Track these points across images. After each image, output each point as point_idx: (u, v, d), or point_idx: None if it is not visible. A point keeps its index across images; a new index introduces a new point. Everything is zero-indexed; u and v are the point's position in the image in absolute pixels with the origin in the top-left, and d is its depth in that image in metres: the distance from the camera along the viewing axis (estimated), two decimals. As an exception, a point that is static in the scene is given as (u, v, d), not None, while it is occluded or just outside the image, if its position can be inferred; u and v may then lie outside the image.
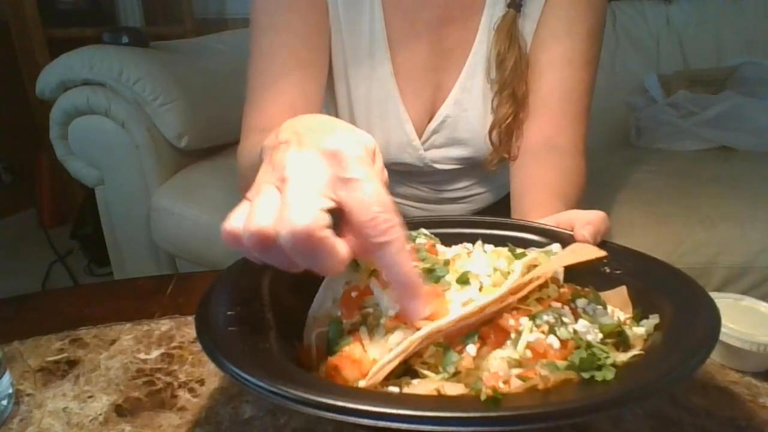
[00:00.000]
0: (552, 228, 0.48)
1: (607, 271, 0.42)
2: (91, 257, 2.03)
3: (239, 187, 0.71)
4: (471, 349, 0.32)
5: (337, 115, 0.80)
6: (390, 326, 0.34)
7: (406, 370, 0.33)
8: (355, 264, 0.39)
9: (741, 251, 1.06)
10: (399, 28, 0.75)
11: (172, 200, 1.30)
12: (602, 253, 0.38)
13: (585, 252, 0.39)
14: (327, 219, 0.30)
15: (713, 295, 0.52)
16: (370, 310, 0.36)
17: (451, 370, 0.31)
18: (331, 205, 0.31)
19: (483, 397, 0.28)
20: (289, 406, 0.27)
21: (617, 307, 0.40)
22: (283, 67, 0.71)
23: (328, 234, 0.30)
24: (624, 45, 1.77)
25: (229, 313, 0.35)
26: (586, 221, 0.45)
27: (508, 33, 0.72)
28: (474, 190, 0.92)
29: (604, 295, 0.40)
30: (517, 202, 0.69)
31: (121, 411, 0.42)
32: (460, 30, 0.75)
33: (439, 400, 0.30)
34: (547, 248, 0.43)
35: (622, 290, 0.40)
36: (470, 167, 0.85)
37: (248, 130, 0.70)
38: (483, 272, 0.37)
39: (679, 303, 0.36)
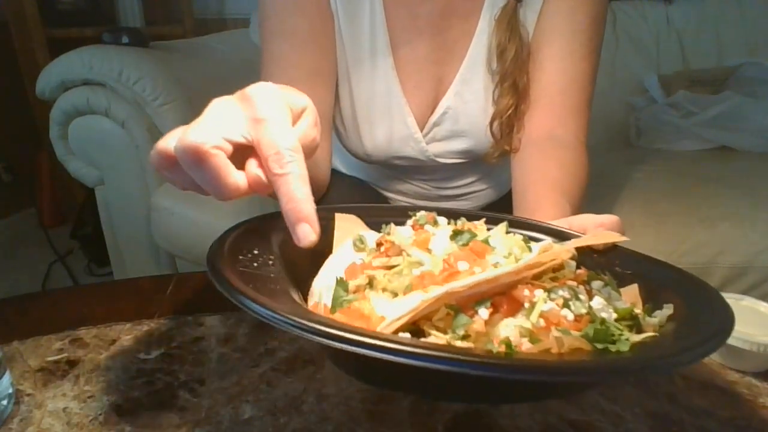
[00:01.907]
0: (566, 230, 0.47)
1: (618, 270, 0.42)
2: (91, 257, 2.03)
3: None
4: (483, 312, 0.31)
5: (339, 110, 0.80)
6: (407, 289, 0.34)
7: (414, 331, 0.32)
8: (360, 242, 0.41)
9: (741, 251, 1.06)
10: (400, 22, 0.75)
11: (172, 200, 1.30)
12: (624, 237, 0.38)
13: (606, 236, 0.38)
14: (222, 144, 0.34)
15: (713, 295, 0.52)
16: (375, 274, 0.36)
17: (461, 332, 0.31)
18: (239, 140, 0.35)
19: (495, 349, 0.28)
20: (319, 340, 0.26)
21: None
22: (294, 74, 0.71)
23: (218, 153, 0.33)
24: (624, 45, 1.77)
25: (240, 257, 0.35)
26: (598, 223, 0.45)
27: (509, 23, 0.72)
28: (475, 187, 0.92)
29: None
30: (520, 197, 0.69)
31: (121, 411, 0.42)
32: (462, 22, 0.75)
33: (453, 347, 0.30)
34: (561, 243, 0.43)
35: (634, 288, 0.40)
36: (472, 163, 0.85)
37: None
38: (499, 251, 0.37)
39: (690, 299, 0.36)
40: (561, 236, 0.46)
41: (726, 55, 1.73)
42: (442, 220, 0.44)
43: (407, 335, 0.31)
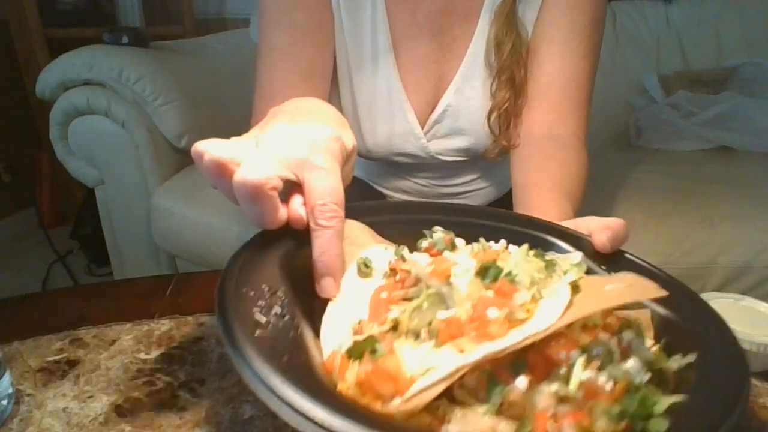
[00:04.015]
0: (573, 232, 0.47)
1: None
2: (91, 257, 2.03)
3: None
4: (521, 382, 0.30)
5: (340, 106, 0.81)
6: (438, 339, 0.32)
7: (444, 391, 0.30)
8: (365, 266, 0.40)
9: (741, 251, 1.06)
10: (401, 20, 0.75)
11: (172, 200, 1.30)
12: (663, 292, 0.36)
13: (644, 291, 0.36)
14: (278, 183, 0.36)
15: (713, 295, 0.52)
16: (399, 314, 0.34)
17: (497, 401, 0.29)
18: (291, 177, 0.37)
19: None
20: None
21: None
22: (291, 67, 0.72)
23: (274, 195, 0.36)
24: (624, 45, 1.77)
25: (253, 309, 0.33)
26: (604, 226, 0.45)
27: (507, 17, 0.73)
28: (476, 185, 0.92)
29: (627, 314, 0.38)
30: (520, 196, 0.69)
31: (121, 411, 0.42)
32: (462, 21, 0.76)
33: None
34: (569, 255, 0.42)
35: (646, 313, 0.39)
36: (473, 161, 0.86)
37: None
38: (522, 281, 0.35)
39: (703, 341, 0.35)
40: (569, 238, 0.46)
41: (726, 55, 1.73)
42: (460, 242, 0.42)
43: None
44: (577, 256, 0.42)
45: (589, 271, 0.41)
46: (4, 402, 0.42)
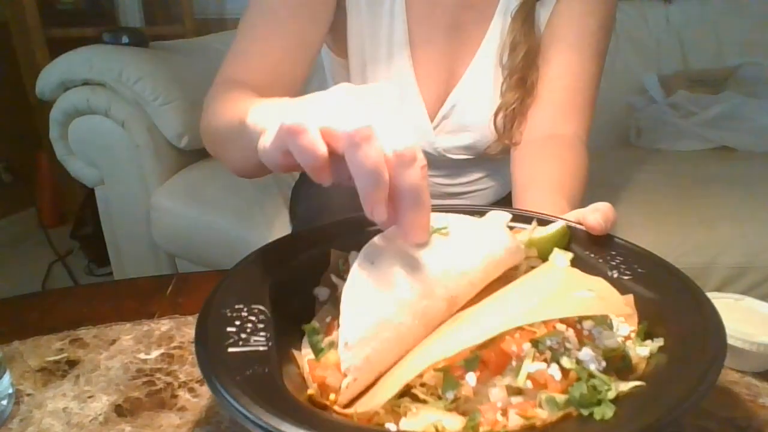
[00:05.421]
0: (559, 219, 0.48)
1: (616, 275, 0.41)
2: (91, 257, 2.03)
3: (205, 141, 0.71)
4: (471, 379, 0.31)
5: None
6: None
7: (404, 391, 0.32)
8: (340, 268, 0.42)
9: (741, 251, 1.06)
10: (419, 13, 0.76)
11: (172, 200, 1.30)
12: (629, 311, 0.37)
13: (611, 307, 0.36)
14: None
15: (713, 295, 0.52)
16: None
17: (451, 397, 0.31)
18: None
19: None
20: None
21: (622, 315, 0.39)
22: (279, 26, 0.70)
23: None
24: (624, 45, 1.77)
25: (229, 328, 0.35)
26: (593, 209, 0.46)
27: (526, 19, 0.74)
28: (480, 185, 0.92)
29: None
30: (519, 195, 0.69)
31: (121, 411, 0.42)
32: (478, 18, 0.77)
33: None
34: (551, 225, 0.44)
35: (629, 299, 0.39)
36: (478, 159, 0.86)
37: (225, 79, 0.70)
38: None
39: (685, 322, 0.35)
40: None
41: (726, 55, 1.73)
42: None
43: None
44: (558, 223, 0.44)
45: (576, 258, 0.43)
46: (4, 402, 0.42)
